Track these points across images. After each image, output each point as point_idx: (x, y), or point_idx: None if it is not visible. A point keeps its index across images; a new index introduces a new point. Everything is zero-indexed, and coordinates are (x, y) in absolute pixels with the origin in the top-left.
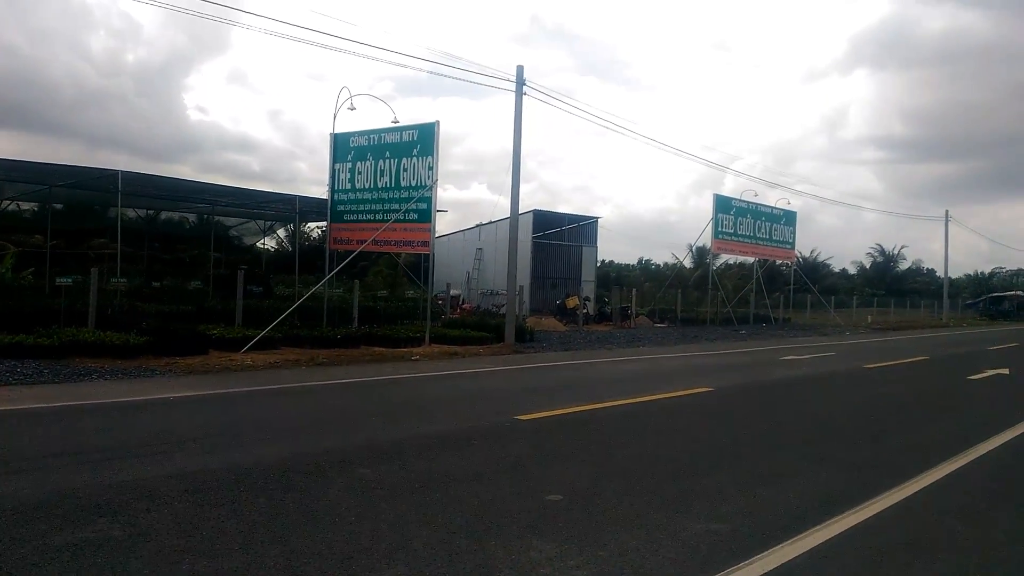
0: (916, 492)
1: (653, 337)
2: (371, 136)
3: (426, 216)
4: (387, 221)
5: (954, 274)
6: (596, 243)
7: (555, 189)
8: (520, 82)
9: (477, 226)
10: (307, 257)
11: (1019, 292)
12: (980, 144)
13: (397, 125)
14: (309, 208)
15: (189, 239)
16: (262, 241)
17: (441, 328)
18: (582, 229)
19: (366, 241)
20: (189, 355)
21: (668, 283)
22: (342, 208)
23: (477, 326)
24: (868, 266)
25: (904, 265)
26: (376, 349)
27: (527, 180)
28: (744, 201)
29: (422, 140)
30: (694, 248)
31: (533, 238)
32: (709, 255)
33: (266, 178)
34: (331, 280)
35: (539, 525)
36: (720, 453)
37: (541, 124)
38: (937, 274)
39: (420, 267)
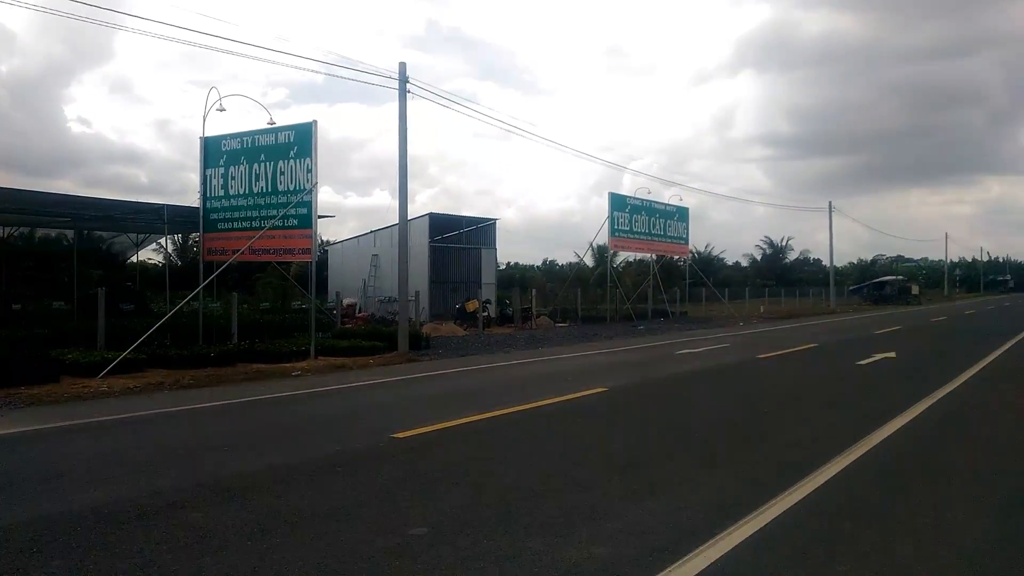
0: (811, 492)
1: (553, 337)
2: (244, 139)
3: (307, 222)
4: (268, 229)
5: (839, 262)
6: (495, 245)
7: (458, 193)
8: (403, 79)
9: (372, 232)
10: (193, 271)
11: (900, 277)
12: (859, 139)
13: (272, 127)
14: (181, 218)
15: (66, 257)
16: (135, 256)
17: (331, 340)
18: (481, 231)
19: (240, 251)
20: (37, 383)
21: (568, 282)
22: (216, 217)
23: (369, 335)
24: (759, 258)
25: (792, 256)
26: (255, 366)
27: (429, 185)
28: (639, 199)
29: (299, 141)
30: (595, 247)
31: (430, 242)
32: (608, 253)
33: (155, 191)
34: (212, 295)
35: (394, 566)
36: (610, 462)
37: (442, 129)
38: (823, 263)
39: (314, 276)
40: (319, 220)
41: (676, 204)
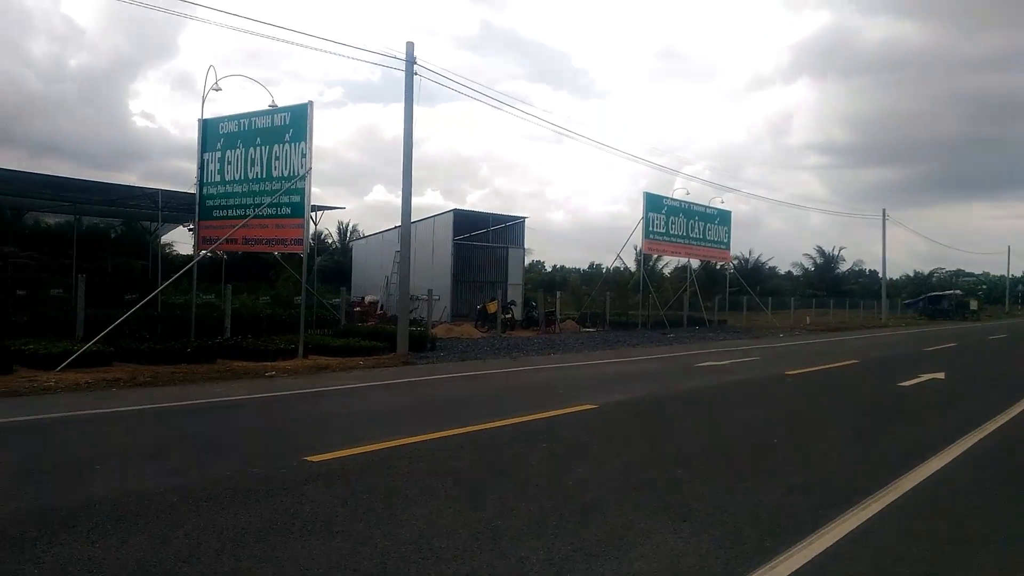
0: (806, 563)
1: (572, 343)
2: (241, 121)
3: (299, 210)
4: (259, 218)
5: (895, 274)
6: (523, 244)
7: (509, 194)
8: (411, 60)
9: (396, 227)
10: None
11: (957, 292)
12: (919, 150)
13: (269, 108)
14: (182, 204)
15: (109, 245)
16: (160, 242)
17: (328, 338)
18: (509, 230)
19: (236, 241)
20: None
21: (599, 286)
22: (212, 203)
23: (372, 335)
24: (810, 268)
25: (844, 267)
26: (236, 364)
27: (480, 186)
28: (676, 200)
29: (295, 124)
30: (638, 250)
31: (454, 239)
32: (640, 255)
33: None
34: (222, 287)
35: None
36: (560, 505)
37: (493, 130)
38: (878, 274)
39: (339, 272)
40: (332, 211)
41: (717, 207)
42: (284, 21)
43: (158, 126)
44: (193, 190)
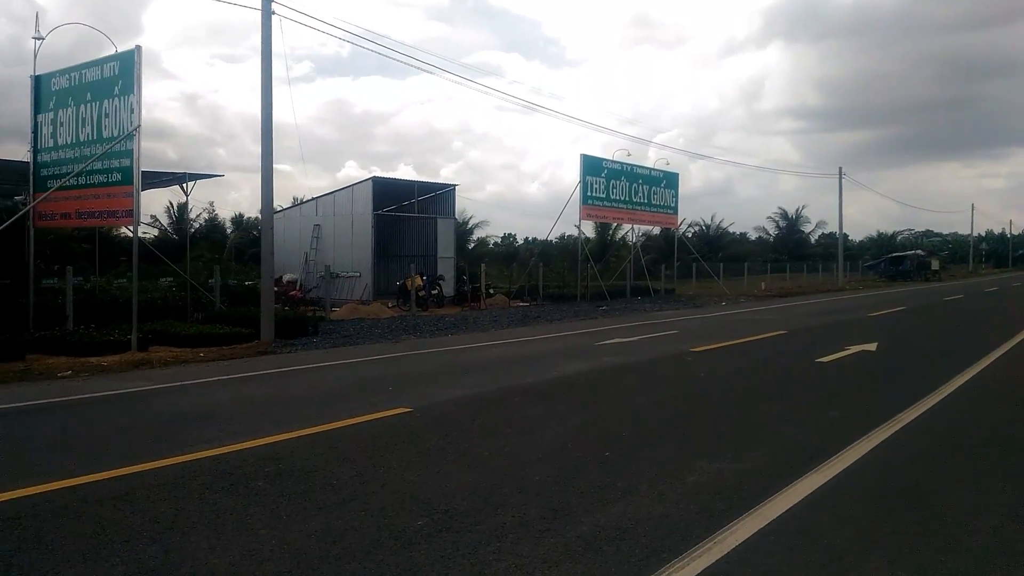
0: None
1: (486, 321)
2: (72, 75)
3: (129, 176)
4: (91, 186)
5: (860, 235)
6: (454, 214)
7: (482, 167)
8: None
9: (314, 199)
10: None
11: (919, 252)
12: (891, 112)
13: (100, 58)
14: (16, 175)
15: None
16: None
17: (182, 325)
18: (439, 199)
19: (70, 215)
20: None
21: (535, 257)
22: (46, 172)
23: (239, 320)
24: (771, 232)
25: (808, 227)
26: (51, 360)
27: (453, 159)
28: (618, 162)
29: (123, 75)
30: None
31: (375, 212)
32: (580, 225)
33: (182, 166)
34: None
35: None
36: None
37: (466, 103)
38: (850, 237)
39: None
40: (214, 179)
41: (663, 169)
42: None
43: None
44: (28, 158)
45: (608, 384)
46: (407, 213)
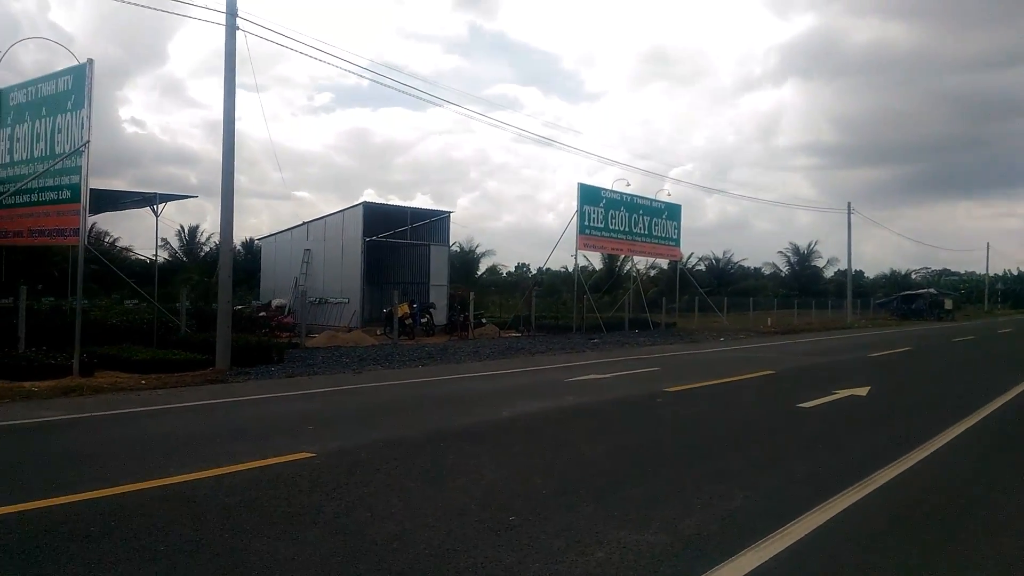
0: None
1: (465, 352)
2: (29, 89)
3: (77, 193)
4: (43, 204)
5: (874, 272)
6: (448, 241)
7: (498, 198)
8: (232, 12)
9: (304, 224)
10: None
11: (931, 290)
12: (907, 150)
13: (54, 72)
14: None
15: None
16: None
17: (135, 349)
18: (432, 226)
19: (23, 233)
20: None
21: (530, 288)
22: (2, 189)
23: (200, 346)
24: (784, 267)
25: (820, 262)
26: None
27: (470, 189)
28: (617, 192)
29: (76, 89)
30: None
31: (365, 238)
32: (576, 255)
33: (204, 191)
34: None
35: None
36: None
37: (484, 133)
38: (865, 275)
39: (250, 272)
40: (187, 200)
41: (665, 200)
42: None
43: (148, 132)
44: None
45: (555, 428)
46: (399, 240)
